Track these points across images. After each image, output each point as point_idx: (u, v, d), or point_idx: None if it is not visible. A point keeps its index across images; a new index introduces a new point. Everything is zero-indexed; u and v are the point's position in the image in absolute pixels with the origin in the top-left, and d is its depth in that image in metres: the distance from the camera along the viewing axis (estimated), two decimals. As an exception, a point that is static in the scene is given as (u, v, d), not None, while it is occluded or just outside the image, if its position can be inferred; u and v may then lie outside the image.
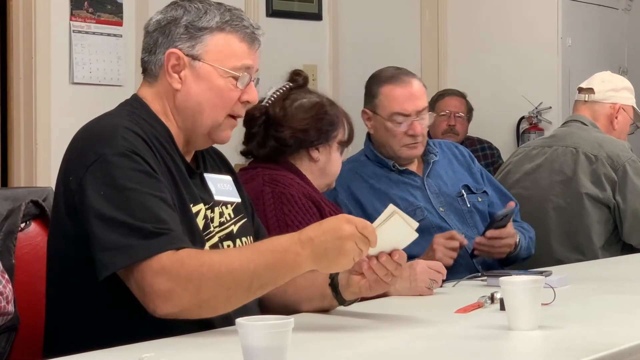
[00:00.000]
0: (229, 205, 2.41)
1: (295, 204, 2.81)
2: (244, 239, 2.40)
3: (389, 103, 3.48)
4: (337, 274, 2.36)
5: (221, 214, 2.37)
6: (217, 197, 2.37)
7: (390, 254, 2.24)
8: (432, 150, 3.61)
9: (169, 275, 2.07)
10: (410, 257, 3.04)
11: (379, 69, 3.64)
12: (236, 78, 2.31)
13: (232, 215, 2.40)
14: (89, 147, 2.19)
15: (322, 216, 2.83)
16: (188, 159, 2.36)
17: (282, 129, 2.91)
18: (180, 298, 2.08)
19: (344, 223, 2.11)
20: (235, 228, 2.39)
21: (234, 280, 2.10)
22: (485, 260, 3.50)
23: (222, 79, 2.30)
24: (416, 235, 2.23)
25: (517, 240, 3.49)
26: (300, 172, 2.94)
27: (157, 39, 2.32)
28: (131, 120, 2.25)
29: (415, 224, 2.22)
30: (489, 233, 3.42)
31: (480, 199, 3.61)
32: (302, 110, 2.92)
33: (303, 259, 2.11)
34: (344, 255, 2.11)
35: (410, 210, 3.37)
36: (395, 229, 2.20)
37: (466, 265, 3.40)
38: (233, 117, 2.36)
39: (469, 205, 3.55)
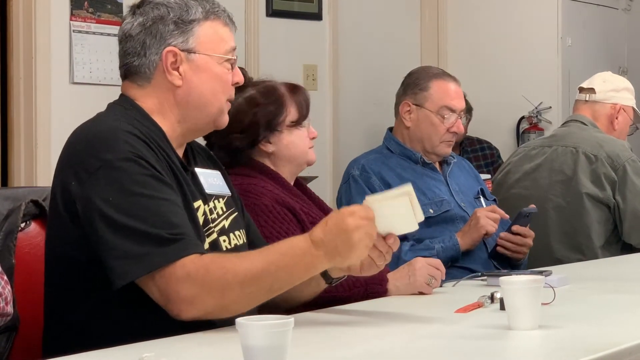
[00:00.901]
0: (220, 199, 2.41)
1: (270, 213, 2.78)
2: (236, 232, 2.41)
3: (440, 97, 3.58)
4: None
5: (212, 210, 2.37)
6: (209, 192, 2.38)
7: (385, 238, 2.24)
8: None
9: (194, 282, 2.08)
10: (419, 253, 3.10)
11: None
12: (230, 62, 2.33)
13: (224, 209, 2.41)
14: (90, 152, 2.17)
15: (299, 220, 2.81)
16: (180, 155, 2.37)
17: (224, 138, 2.87)
18: (205, 303, 2.09)
19: (346, 217, 2.13)
20: (227, 223, 2.39)
21: (257, 285, 2.12)
22: (499, 263, 3.53)
23: (219, 65, 2.33)
24: (417, 227, 2.22)
25: None
26: (272, 170, 2.92)
27: (144, 41, 2.30)
28: (128, 122, 2.24)
29: (421, 217, 2.22)
30: (515, 228, 3.48)
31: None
32: (236, 113, 2.85)
33: (319, 260, 2.14)
34: (354, 247, 2.13)
35: (437, 201, 3.50)
36: (400, 209, 2.20)
37: (484, 263, 3.46)
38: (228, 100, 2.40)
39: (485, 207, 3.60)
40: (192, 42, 2.30)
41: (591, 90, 4.16)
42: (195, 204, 2.29)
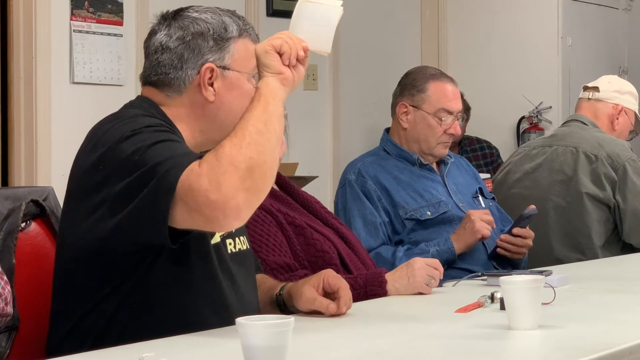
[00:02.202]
0: None
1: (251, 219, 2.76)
2: (241, 238, 2.41)
3: (438, 99, 3.57)
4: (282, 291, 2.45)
5: None
6: None
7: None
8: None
9: (206, 173, 2.03)
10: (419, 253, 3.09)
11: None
12: (255, 78, 2.34)
13: None
14: (112, 141, 2.15)
15: (276, 220, 2.79)
16: None
17: None
18: (230, 180, 2.02)
19: (267, 41, 2.24)
20: None
21: (255, 134, 2.09)
22: (499, 263, 3.53)
23: (248, 82, 2.33)
24: (329, 50, 2.26)
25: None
26: None
27: (181, 55, 2.29)
28: (149, 117, 2.24)
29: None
30: (515, 230, 3.48)
31: (491, 204, 3.68)
32: None
33: (273, 83, 2.19)
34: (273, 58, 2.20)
35: (435, 203, 3.51)
36: (329, 20, 2.25)
37: (484, 263, 3.46)
38: None
39: (484, 206, 3.60)
40: (227, 59, 2.31)
41: (595, 89, 4.16)
42: None
